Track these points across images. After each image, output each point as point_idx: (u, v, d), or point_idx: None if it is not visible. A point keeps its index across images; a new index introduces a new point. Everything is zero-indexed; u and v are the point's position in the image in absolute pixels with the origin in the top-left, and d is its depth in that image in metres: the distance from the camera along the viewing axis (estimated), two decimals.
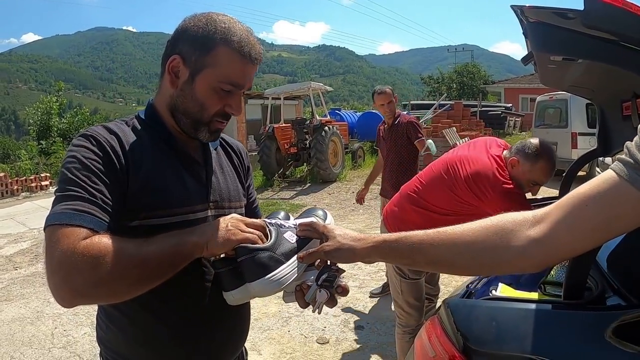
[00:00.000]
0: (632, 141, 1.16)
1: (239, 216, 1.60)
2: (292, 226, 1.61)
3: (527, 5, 1.83)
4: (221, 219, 1.55)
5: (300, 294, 1.55)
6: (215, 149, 1.87)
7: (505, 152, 3.51)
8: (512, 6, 1.93)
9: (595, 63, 1.93)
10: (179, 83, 1.61)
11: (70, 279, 1.27)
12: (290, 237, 1.55)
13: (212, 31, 1.55)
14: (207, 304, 1.68)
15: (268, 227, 1.55)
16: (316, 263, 1.54)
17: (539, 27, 1.92)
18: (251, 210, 1.99)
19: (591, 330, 1.64)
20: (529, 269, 1.30)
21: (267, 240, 1.51)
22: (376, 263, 7.34)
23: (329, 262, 1.54)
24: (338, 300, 1.56)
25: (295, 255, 1.52)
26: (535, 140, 3.41)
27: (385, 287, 6.24)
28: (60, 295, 1.29)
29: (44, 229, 1.36)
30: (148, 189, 1.53)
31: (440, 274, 4.40)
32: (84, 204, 1.36)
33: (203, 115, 1.62)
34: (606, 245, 1.85)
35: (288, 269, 1.47)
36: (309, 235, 1.60)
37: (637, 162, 1.12)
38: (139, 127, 1.66)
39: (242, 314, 1.85)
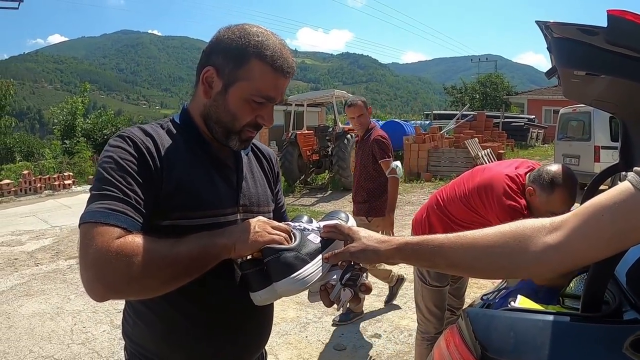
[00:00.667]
0: None
1: (265, 219, 1.64)
2: (316, 228, 1.65)
3: (552, 21, 1.85)
4: (248, 221, 1.59)
5: (325, 293, 1.57)
6: (247, 155, 1.91)
7: (528, 174, 3.38)
8: (537, 22, 1.95)
9: (619, 78, 1.95)
10: (212, 93, 1.64)
11: (103, 275, 1.32)
12: (314, 239, 1.59)
13: (245, 44, 1.57)
14: (233, 304, 1.72)
15: (292, 230, 1.60)
16: (339, 263, 1.58)
17: (563, 42, 1.93)
18: (279, 215, 2.05)
19: (608, 343, 1.65)
20: (545, 274, 1.34)
21: (292, 242, 1.55)
22: (395, 272, 7.35)
23: (352, 262, 1.57)
24: (362, 298, 1.61)
25: (320, 255, 1.56)
26: (552, 168, 3.22)
27: (348, 315, 5.88)
28: (92, 289, 1.35)
29: (79, 226, 1.41)
30: (180, 191, 1.57)
31: (467, 288, 4.37)
32: (119, 204, 1.42)
33: (235, 125, 1.66)
34: (625, 260, 1.86)
35: (313, 268, 1.51)
36: (334, 237, 1.63)
37: None
38: (173, 130, 1.70)
39: (266, 315, 1.89)
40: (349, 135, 16.64)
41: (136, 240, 1.37)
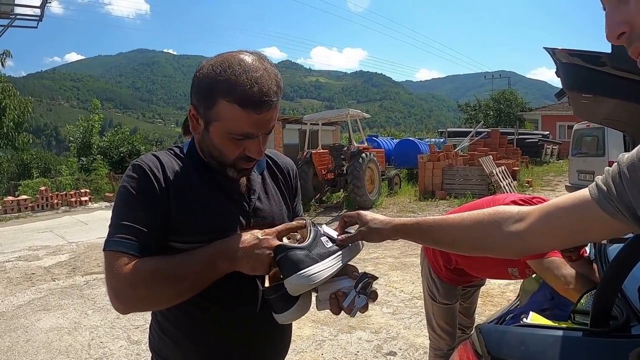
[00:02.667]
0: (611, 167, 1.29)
1: (270, 230, 1.68)
2: (332, 235, 1.71)
3: (559, 48, 1.91)
4: (255, 239, 1.62)
5: (335, 301, 1.63)
6: (262, 173, 1.91)
7: None
8: (545, 48, 2.02)
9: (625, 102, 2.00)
10: (199, 130, 1.67)
11: (117, 296, 1.54)
12: (327, 242, 1.65)
13: (212, 84, 1.55)
14: (256, 321, 1.78)
15: (310, 227, 1.66)
16: (352, 273, 1.68)
17: (570, 67, 2.00)
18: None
19: (616, 357, 1.70)
20: (512, 256, 1.53)
21: (305, 240, 1.61)
22: (410, 291, 7.38)
23: (365, 270, 1.67)
24: (369, 308, 1.66)
25: (330, 257, 1.61)
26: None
27: None
28: (115, 306, 1.56)
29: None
30: (191, 218, 1.65)
31: (476, 308, 4.38)
32: (128, 233, 1.56)
33: (225, 159, 1.68)
34: (633, 275, 1.90)
35: (322, 267, 1.56)
36: (350, 221, 1.75)
37: (609, 189, 1.25)
38: (183, 158, 1.76)
39: (286, 331, 1.96)
40: (363, 154, 16.68)
41: (142, 265, 1.53)
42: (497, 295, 6.89)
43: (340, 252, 1.65)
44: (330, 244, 1.65)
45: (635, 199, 1.16)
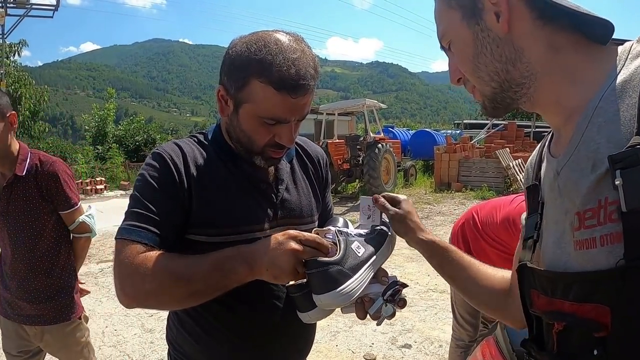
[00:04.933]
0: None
1: (294, 233, 1.46)
2: (360, 236, 1.61)
3: None
4: (276, 244, 1.43)
5: (360, 306, 1.54)
6: (290, 161, 1.83)
7: None
8: None
9: None
10: (228, 112, 1.58)
11: (124, 286, 1.43)
12: (358, 249, 1.54)
13: (245, 64, 1.46)
14: (277, 319, 1.71)
15: (337, 236, 1.53)
16: (382, 277, 1.58)
17: None
18: (326, 217, 1.94)
19: None
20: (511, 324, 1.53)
21: (336, 249, 1.50)
22: (425, 283, 7.36)
23: (397, 278, 1.59)
24: (397, 312, 1.59)
25: (363, 268, 1.51)
26: None
27: None
28: (119, 297, 1.45)
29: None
30: (213, 208, 1.57)
31: None
32: (143, 221, 1.48)
33: (253, 146, 1.59)
34: None
35: (355, 283, 1.47)
36: (391, 201, 1.68)
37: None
38: (207, 146, 1.69)
39: (310, 328, 1.87)
40: (379, 145, 16.69)
41: (156, 257, 1.42)
42: None
43: (372, 260, 1.56)
44: (362, 250, 1.54)
45: None
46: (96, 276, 8.58)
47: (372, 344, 5.51)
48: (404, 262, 8.95)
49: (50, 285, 3.10)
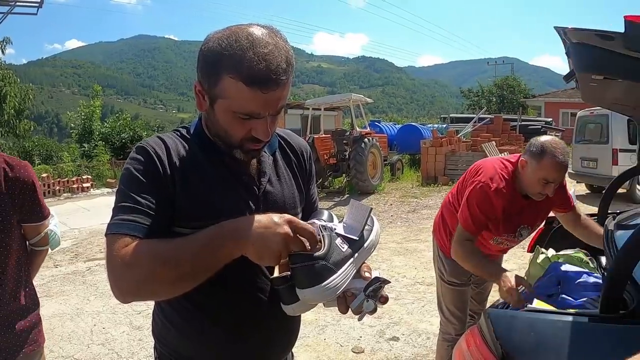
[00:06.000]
0: None
1: (290, 217, 1.47)
2: (342, 230, 1.60)
3: (570, 27, 1.87)
4: (271, 220, 1.44)
5: (343, 300, 1.56)
6: (273, 153, 1.83)
7: None
8: (555, 27, 1.98)
9: (636, 82, 1.97)
10: (205, 107, 1.59)
11: (116, 281, 1.43)
12: (341, 245, 1.55)
13: (218, 59, 1.46)
14: (261, 310, 1.72)
15: (322, 232, 1.54)
16: (364, 274, 1.59)
17: (581, 47, 1.96)
18: (311, 210, 1.95)
19: (626, 342, 1.68)
20: None
21: (321, 244, 1.51)
22: (412, 276, 7.39)
23: (379, 274, 1.60)
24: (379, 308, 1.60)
25: (347, 263, 1.53)
26: (542, 137, 3.25)
27: None
28: (114, 292, 1.45)
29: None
30: (196, 201, 1.58)
31: (489, 294, 4.33)
32: (131, 213, 1.48)
33: (231, 139, 1.60)
34: None
35: (339, 278, 1.49)
36: None
37: None
38: (189, 139, 1.69)
39: (294, 321, 1.87)
40: (366, 139, 16.72)
41: (140, 246, 1.42)
42: None
43: (355, 256, 1.58)
44: (345, 246, 1.56)
45: None
46: (84, 275, 8.57)
47: (360, 337, 5.54)
48: (391, 256, 8.99)
49: (18, 310, 2.64)
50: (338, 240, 1.55)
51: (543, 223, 3.82)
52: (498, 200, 3.22)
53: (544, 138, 3.22)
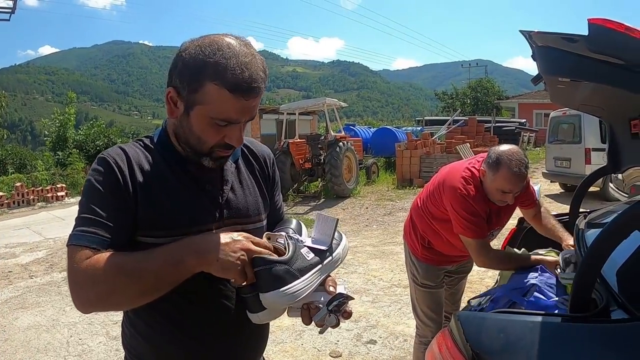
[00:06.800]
0: None
1: (246, 236, 1.56)
2: (310, 243, 1.64)
3: (535, 30, 1.90)
4: (229, 238, 1.52)
5: (306, 312, 1.59)
6: (236, 161, 1.85)
7: None
8: (521, 31, 2.00)
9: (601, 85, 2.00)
10: (178, 114, 1.60)
11: (77, 293, 1.48)
12: (307, 254, 1.58)
13: (200, 66, 1.49)
14: (227, 317, 1.72)
15: (287, 240, 1.57)
16: (329, 288, 1.62)
17: (546, 51, 1.98)
18: (276, 216, 1.99)
19: (596, 342, 1.70)
20: None
21: (285, 252, 1.54)
22: (389, 279, 7.41)
23: (344, 289, 1.63)
24: (342, 322, 1.62)
25: (311, 272, 1.55)
26: (500, 147, 3.29)
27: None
28: (75, 304, 1.49)
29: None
30: (159, 210, 1.59)
31: (462, 295, 4.35)
32: (92, 225, 1.51)
33: (202, 147, 1.62)
34: (612, 259, 1.90)
35: (302, 285, 1.51)
36: None
37: None
38: (152, 149, 1.70)
39: (261, 328, 1.87)
40: (340, 143, 16.74)
41: (103, 258, 1.45)
42: (476, 282, 6.91)
43: (320, 266, 1.60)
44: (310, 255, 1.58)
45: None
46: (59, 285, 8.46)
47: (338, 341, 5.54)
48: (368, 259, 9.01)
49: None
50: (304, 250, 1.58)
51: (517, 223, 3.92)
52: (478, 205, 3.28)
53: (502, 148, 3.26)
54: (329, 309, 1.56)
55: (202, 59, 1.48)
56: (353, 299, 1.65)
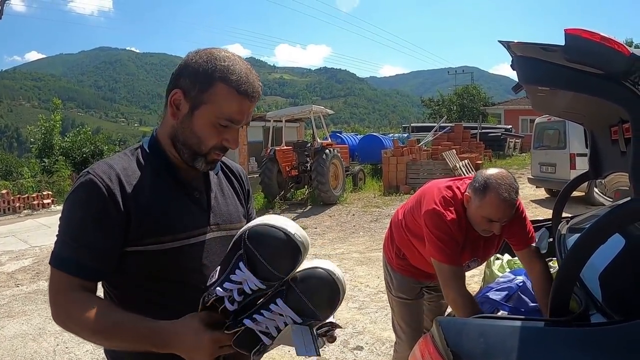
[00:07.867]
0: None
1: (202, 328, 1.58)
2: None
3: (514, 41, 1.93)
4: (203, 336, 1.56)
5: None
6: (217, 174, 1.95)
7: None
8: (499, 41, 2.04)
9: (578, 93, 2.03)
10: (180, 115, 1.70)
11: (55, 313, 1.61)
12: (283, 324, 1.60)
13: (212, 68, 1.63)
14: None
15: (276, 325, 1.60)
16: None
17: (525, 61, 2.02)
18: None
19: (576, 345, 1.72)
20: None
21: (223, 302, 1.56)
22: (375, 285, 7.41)
23: (332, 317, 1.74)
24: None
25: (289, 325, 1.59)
26: (488, 171, 2.97)
27: None
28: (53, 319, 1.63)
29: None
30: (149, 218, 1.66)
31: (445, 310, 4.01)
32: (71, 252, 1.60)
33: (201, 147, 1.72)
34: (591, 264, 1.93)
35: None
36: None
37: None
38: (142, 158, 1.77)
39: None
40: (327, 150, 16.76)
41: (83, 305, 1.57)
42: None
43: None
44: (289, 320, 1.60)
45: None
46: (45, 293, 8.36)
47: (325, 347, 5.52)
48: (354, 266, 9.03)
49: None
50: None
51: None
52: (454, 227, 3.00)
53: (490, 171, 2.96)
54: (317, 333, 1.63)
55: (214, 62, 1.64)
56: (341, 327, 1.69)
